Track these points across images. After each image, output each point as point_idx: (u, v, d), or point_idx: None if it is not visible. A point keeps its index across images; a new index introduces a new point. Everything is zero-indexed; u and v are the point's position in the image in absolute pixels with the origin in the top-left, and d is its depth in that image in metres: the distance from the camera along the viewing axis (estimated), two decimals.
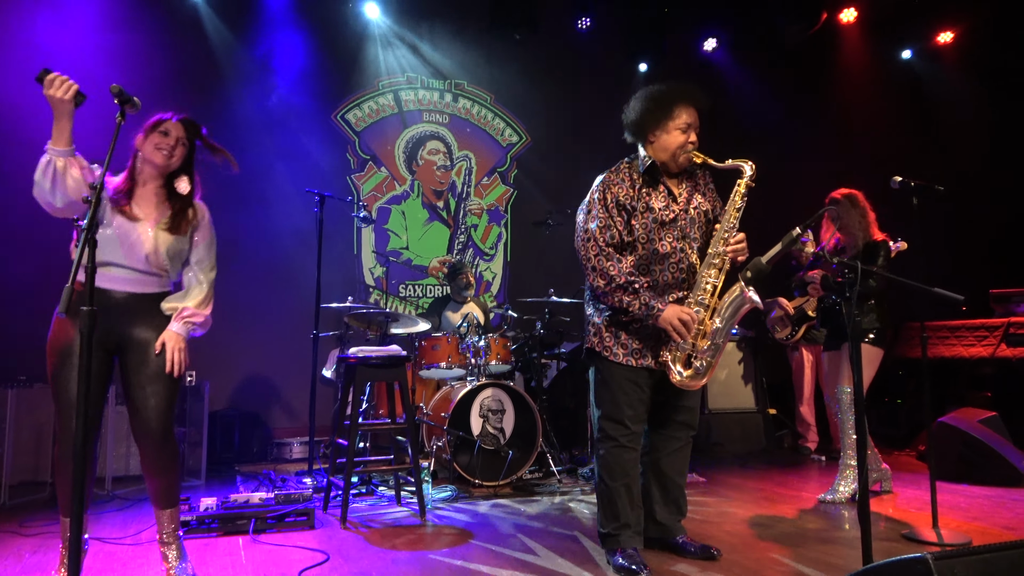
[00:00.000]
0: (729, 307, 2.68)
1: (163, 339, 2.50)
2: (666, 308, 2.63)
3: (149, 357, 2.49)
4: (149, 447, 2.49)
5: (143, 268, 2.52)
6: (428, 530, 3.33)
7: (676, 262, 2.74)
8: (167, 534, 2.57)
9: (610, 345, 2.75)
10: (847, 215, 3.91)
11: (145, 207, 2.55)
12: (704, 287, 2.71)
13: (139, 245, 2.49)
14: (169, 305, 2.56)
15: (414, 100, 6.61)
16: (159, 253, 2.52)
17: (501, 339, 4.69)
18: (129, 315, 2.49)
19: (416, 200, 6.55)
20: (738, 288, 2.67)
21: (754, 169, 2.75)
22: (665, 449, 2.90)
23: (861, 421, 2.41)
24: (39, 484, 4.16)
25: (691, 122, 2.74)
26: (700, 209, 2.83)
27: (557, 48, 6.83)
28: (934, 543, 2.97)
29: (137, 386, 2.48)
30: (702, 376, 2.70)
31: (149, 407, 2.47)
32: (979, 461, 4.23)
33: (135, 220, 2.49)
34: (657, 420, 2.89)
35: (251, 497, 3.33)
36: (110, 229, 2.45)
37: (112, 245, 2.45)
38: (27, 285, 4.85)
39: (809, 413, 5.57)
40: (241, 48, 5.85)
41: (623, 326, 2.75)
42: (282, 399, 5.78)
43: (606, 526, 2.75)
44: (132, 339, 2.50)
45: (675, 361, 2.70)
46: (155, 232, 2.51)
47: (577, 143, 6.71)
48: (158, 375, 2.48)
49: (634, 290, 2.65)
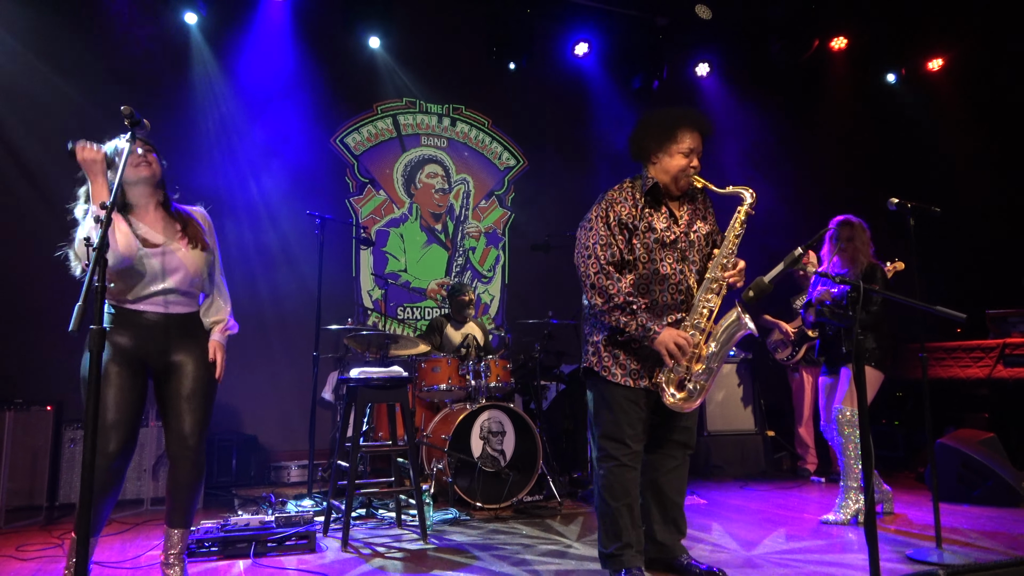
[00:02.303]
0: (725, 332, 2.71)
1: (213, 348, 2.67)
2: (663, 331, 2.64)
3: (188, 376, 2.59)
4: (183, 462, 2.55)
5: (186, 289, 2.61)
6: (430, 553, 3.30)
7: (675, 283, 2.76)
8: (173, 555, 2.55)
9: (608, 365, 2.76)
10: (859, 238, 3.96)
11: (162, 232, 2.60)
12: (701, 311, 2.73)
13: (183, 269, 2.57)
14: (212, 320, 2.71)
15: (412, 124, 6.67)
16: (199, 270, 2.63)
17: (501, 361, 4.69)
18: (169, 336, 2.58)
19: (414, 223, 6.58)
20: (735, 314, 2.69)
21: (754, 197, 2.79)
22: (663, 468, 2.89)
23: (867, 442, 2.41)
24: (35, 508, 4.11)
25: (694, 147, 2.77)
26: (700, 233, 2.85)
27: (554, 73, 6.92)
28: (939, 564, 2.97)
29: (175, 404, 2.58)
30: (695, 399, 2.71)
31: (189, 423, 2.56)
32: (979, 482, 4.25)
33: (156, 246, 2.54)
34: (654, 440, 2.88)
35: (251, 520, 3.31)
36: (154, 260, 2.51)
37: (158, 276, 2.52)
38: (24, 310, 4.84)
39: (808, 435, 5.57)
40: (239, 73, 5.90)
41: (622, 346, 2.76)
42: (280, 422, 5.74)
43: (608, 546, 2.73)
44: (172, 360, 2.59)
45: (668, 383, 2.71)
46: (189, 253, 2.59)
47: (574, 167, 6.78)
48: (196, 394, 2.59)
49: (632, 311, 2.66)
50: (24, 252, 4.88)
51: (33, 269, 4.89)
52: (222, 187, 5.65)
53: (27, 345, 4.81)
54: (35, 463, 4.18)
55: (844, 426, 3.83)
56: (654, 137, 2.78)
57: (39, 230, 4.91)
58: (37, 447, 4.20)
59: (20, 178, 4.97)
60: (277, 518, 3.36)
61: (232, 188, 5.75)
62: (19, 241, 4.90)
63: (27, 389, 4.38)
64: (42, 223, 4.90)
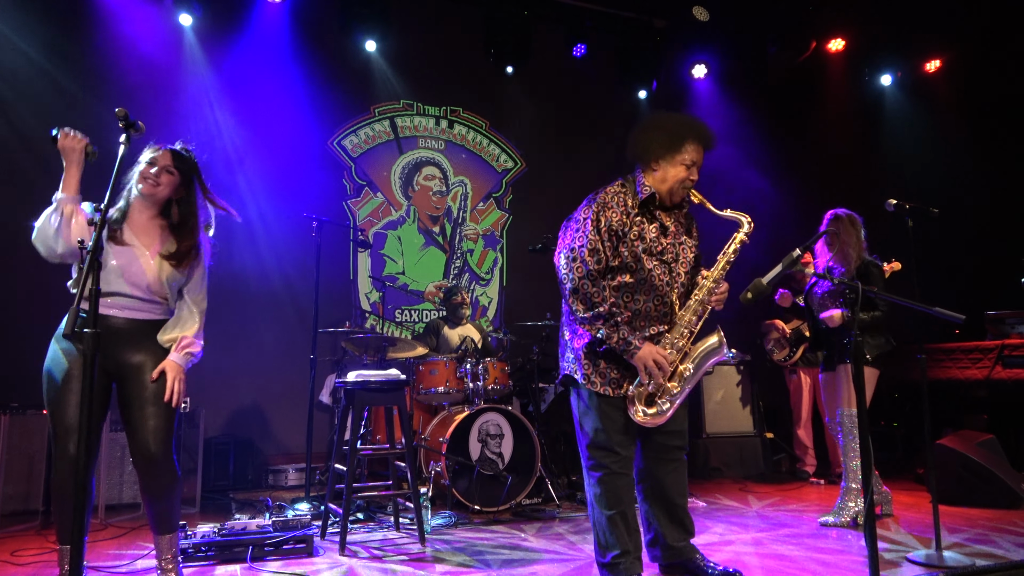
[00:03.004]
0: (703, 355, 2.71)
1: (163, 367, 2.51)
2: (643, 346, 2.61)
3: (147, 381, 2.50)
4: (148, 470, 2.49)
5: (145, 296, 2.53)
6: (428, 556, 3.28)
7: (661, 295, 2.72)
8: (166, 561, 2.53)
9: (588, 373, 2.71)
10: (846, 233, 3.92)
11: (142, 236, 2.56)
12: (682, 331, 2.72)
13: (141, 274, 2.51)
14: (168, 336, 2.58)
15: (410, 126, 6.66)
16: (161, 281, 2.54)
17: (499, 363, 4.68)
18: (128, 340, 2.50)
19: (412, 225, 6.57)
20: (716, 338, 2.71)
21: (751, 226, 2.77)
22: (661, 471, 2.85)
23: (866, 443, 2.41)
24: (31, 513, 4.09)
25: (696, 160, 2.75)
26: (687, 246, 2.83)
27: (552, 74, 6.92)
28: (939, 566, 2.96)
29: (136, 409, 2.49)
30: (663, 416, 2.67)
31: (147, 429, 2.48)
32: (978, 484, 4.24)
33: (125, 246, 2.50)
34: (648, 445, 2.84)
35: (248, 524, 3.29)
36: (112, 259, 2.47)
37: (114, 274, 2.46)
38: (18, 312, 4.82)
39: (807, 436, 5.56)
40: (235, 75, 5.88)
41: (601, 355, 2.71)
42: (277, 425, 5.73)
43: (605, 555, 2.68)
44: (131, 364, 2.51)
45: (639, 398, 2.67)
46: (157, 261, 2.53)
47: (572, 168, 6.76)
48: (156, 397, 2.49)
49: (615, 322, 2.62)
50: (19, 256, 4.86)
51: (28, 273, 4.87)
52: (218, 190, 5.60)
53: (23, 349, 4.75)
54: (31, 467, 4.17)
55: (846, 427, 3.82)
56: (659, 143, 2.74)
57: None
58: (33, 451, 4.18)
59: (10, 184, 4.95)
60: (274, 522, 3.34)
61: (229, 191, 5.72)
62: (13, 245, 4.87)
63: (23, 393, 4.35)
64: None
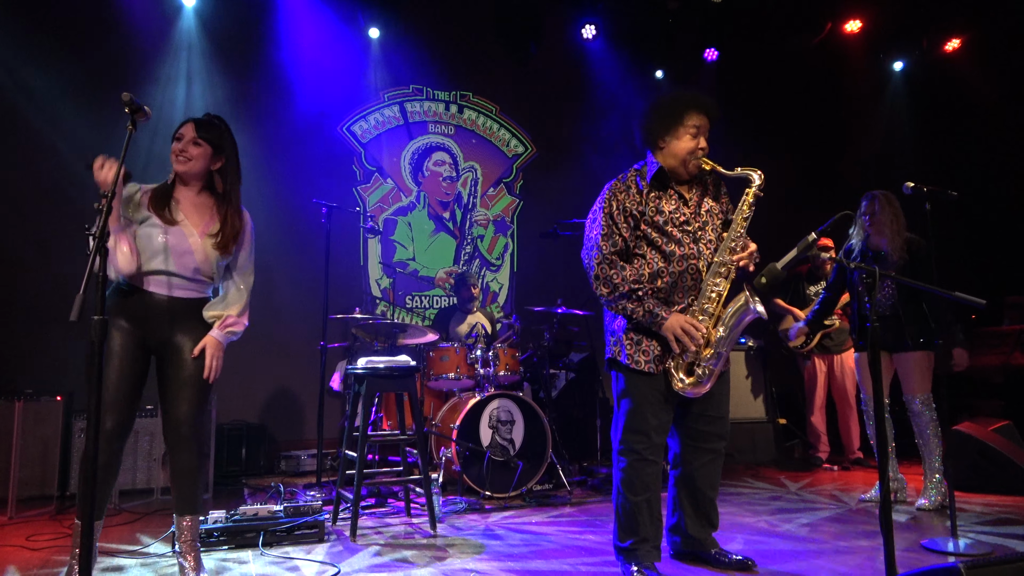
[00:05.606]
0: (733, 316, 2.65)
1: (204, 344, 2.55)
2: (670, 316, 2.60)
3: (186, 360, 2.54)
4: (179, 450, 2.52)
5: (191, 276, 2.56)
6: (439, 542, 3.28)
7: (686, 268, 2.70)
8: (186, 543, 2.54)
9: (631, 353, 2.69)
10: (883, 211, 3.86)
11: (192, 215, 2.58)
12: (709, 295, 2.67)
13: (189, 254, 2.53)
14: (212, 313, 2.61)
15: (420, 111, 6.62)
16: (209, 263, 2.56)
17: (509, 349, 4.66)
18: (172, 319, 2.55)
19: (422, 211, 6.54)
20: (743, 298, 2.63)
21: (763, 178, 2.72)
22: (696, 462, 2.81)
23: (882, 429, 2.37)
24: (46, 498, 4.12)
25: (700, 125, 2.71)
26: (712, 213, 2.80)
27: (563, 59, 6.84)
28: (955, 553, 2.92)
29: (173, 387, 2.54)
30: (704, 383, 2.65)
31: (182, 407, 2.52)
32: (994, 470, 4.19)
33: (175, 224, 2.52)
34: (684, 430, 2.81)
35: (260, 510, 3.29)
36: (160, 237, 2.49)
37: (162, 253, 2.49)
38: (34, 300, 4.84)
39: (820, 423, 5.51)
40: (242, 61, 5.86)
41: (644, 332, 2.69)
42: (289, 412, 5.74)
43: (624, 540, 2.68)
44: (172, 342, 2.55)
45: (678, 368, 2.66)
46: (205, 241, 2.55)
47: (583, 153, 6.70)
48: (192, 379, 2.53)
49: (638, 297, 2.62)
50: (32, 244, 4.88)
51: (41, 261, 4.90)
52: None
53: (36, 336, 4.82)
54: (45, 453, 4.20)
55: (924, 412, 3.85)
56: (660, 121, 2.72)
57: (45, 222, 4.92)
58: (47, 437, 4.21)
59: (22, 171, 4.95)
60: (286, 508, 3.35)
61: None
62: (26, 233, 4.89)
63: (37, 379, 4.39)
64: (48, 215, 4.91)
